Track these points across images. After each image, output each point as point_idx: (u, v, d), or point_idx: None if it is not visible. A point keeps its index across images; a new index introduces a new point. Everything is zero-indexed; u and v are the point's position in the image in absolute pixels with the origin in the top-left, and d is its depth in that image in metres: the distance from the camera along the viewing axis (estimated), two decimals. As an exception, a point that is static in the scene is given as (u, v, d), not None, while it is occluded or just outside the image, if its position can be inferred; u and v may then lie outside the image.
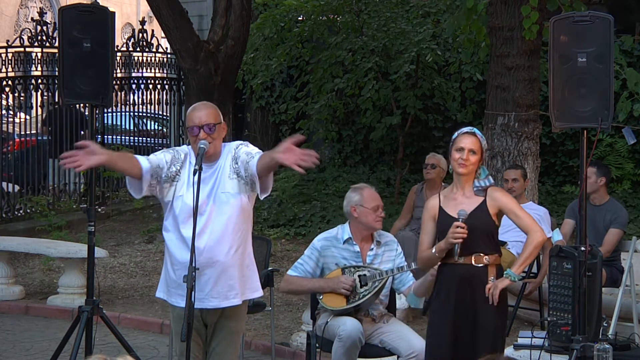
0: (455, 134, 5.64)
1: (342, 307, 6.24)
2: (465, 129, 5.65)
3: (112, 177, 13.91)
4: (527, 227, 5.56)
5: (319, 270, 6.40)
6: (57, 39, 7.29)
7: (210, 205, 5.23)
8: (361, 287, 6.22)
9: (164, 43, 13.89)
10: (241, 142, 5.42)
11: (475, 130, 5.63)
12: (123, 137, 14.82)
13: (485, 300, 5.46)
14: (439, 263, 5.63)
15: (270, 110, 15.75)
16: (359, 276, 6.23)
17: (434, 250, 5.56)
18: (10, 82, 12.40)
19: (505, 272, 5.51)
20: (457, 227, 5.41)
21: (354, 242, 6.37)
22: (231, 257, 5.27)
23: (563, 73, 5.91)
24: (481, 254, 5.49)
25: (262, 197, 5.33)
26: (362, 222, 6.35)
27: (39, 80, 12.80)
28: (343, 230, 6.43)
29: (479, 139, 5.56)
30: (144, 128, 15.60)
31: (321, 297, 6.31)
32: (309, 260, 6.41)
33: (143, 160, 5.26)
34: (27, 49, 12.57)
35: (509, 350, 6.46)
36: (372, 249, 6.38)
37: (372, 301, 6.28)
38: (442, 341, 5.56)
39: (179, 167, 5.30)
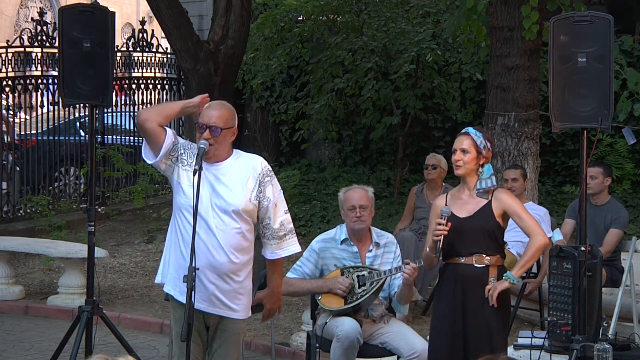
0: None
1: (341, 307, 6.23)
2: (462, 131, 5.72)
3: (112, 177, 13.91)
4: (530, 230, 5.57)
5: (319, 272, 6.39)
6: (57, 39, 7.28)
7: (214, 210, 5.13)
8: (359, 287, 6.21)
9: (164, 43, 13.89)
10: (267, 168, 5.25)
11: (469, 129, 5.69)
12: (123, 137, 14.80)
13: (485, 301, 5.47)
14: (444, 262, 5.67)
15: (270, 110, 15.74)
16: (358, 277, 6.23)
17: (427, 249, 5.64)
18: (10, 82, 12.40)
19: (505, 275, 5.52)
20: (439, 224, 5.49)
21: (352, 243, 6.37)
22: (237, 267, 5.19)
23: (563, 73, 5.91)
24: (483, 255, 5.52)
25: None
26: (346, 223, 6.38)
27: (39, 80, 12.80)
28: (341, 231, 6.42)
29: (472, 137, 5.59)
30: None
31: (319, 298, 6.31)
32: (308, 263, 6.41)
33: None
34: (27, 49, 12.56)
35: (509, 350, 6.46)
36: (371, 250, 6.37)
37: (370, 301, 6.27)
38: (441, 350, 5.61)
39: (182, 152, 5.21)
